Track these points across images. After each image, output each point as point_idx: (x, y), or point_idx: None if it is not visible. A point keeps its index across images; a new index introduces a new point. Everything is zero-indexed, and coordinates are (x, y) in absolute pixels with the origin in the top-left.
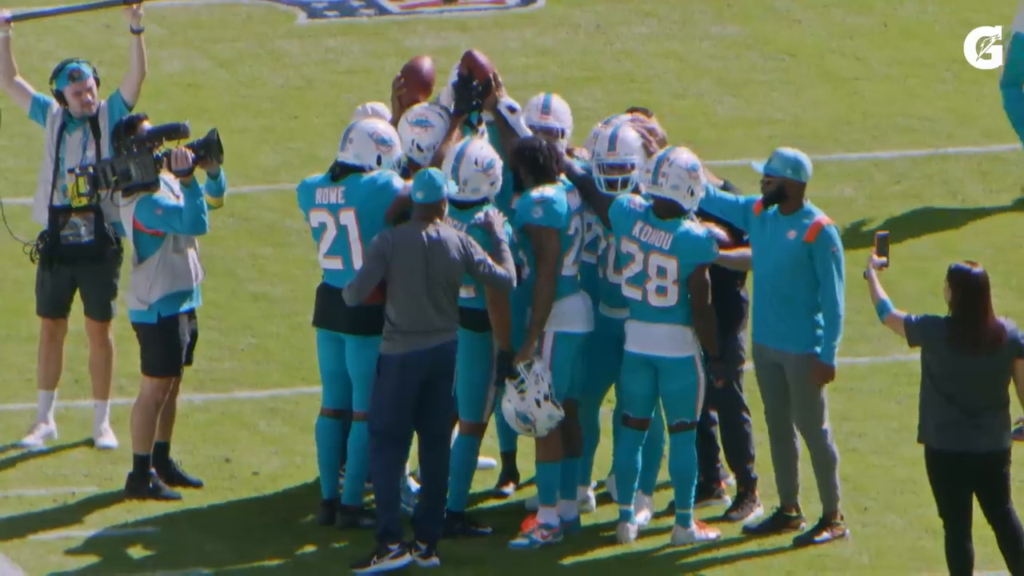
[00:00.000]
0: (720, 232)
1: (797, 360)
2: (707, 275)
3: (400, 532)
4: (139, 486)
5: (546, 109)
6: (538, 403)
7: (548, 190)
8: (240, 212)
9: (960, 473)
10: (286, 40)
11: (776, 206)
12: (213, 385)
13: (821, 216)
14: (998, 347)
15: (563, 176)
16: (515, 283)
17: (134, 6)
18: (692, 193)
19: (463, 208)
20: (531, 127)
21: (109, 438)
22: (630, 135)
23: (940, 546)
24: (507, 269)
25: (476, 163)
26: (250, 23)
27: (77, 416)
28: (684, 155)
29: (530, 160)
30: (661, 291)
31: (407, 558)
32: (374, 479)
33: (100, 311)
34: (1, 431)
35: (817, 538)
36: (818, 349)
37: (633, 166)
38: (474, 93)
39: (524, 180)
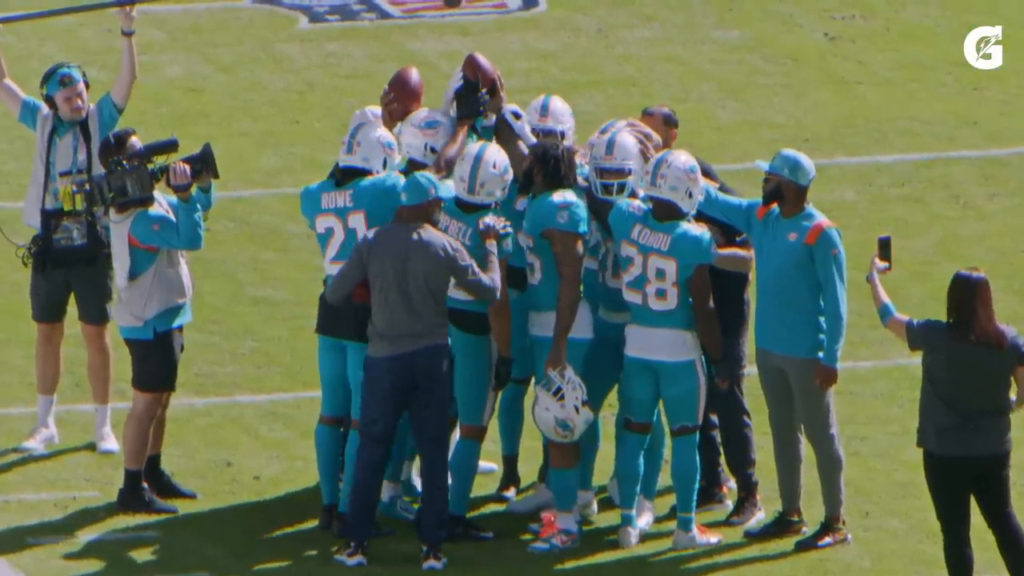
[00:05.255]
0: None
1: (801, 365)
2: (707, 277)
3: (362, 533)
4: (132, 500)
5: (544, 111)
6: (577, 409)
7: (569, 195)
8: (241, 216)
9: (959, 477)
10: (287, 44)
11: (778, 209)
12: (214, 389)
13: (822, 219)
14: (998, 352)
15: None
16: (498, 294)
17: (127, 8)
18: (690, 195)
19: (470, 211)
20: (531, 130)
21: (110, 442)
22: (628, 140)
23: (941, 551)
24: (492, 279)
25: (494, 166)
26: (251, 27)
27: (78, 420)
28: (682, 157)
29: (552, 165)
30: (661, 294)
31: (358, 559)
32: (353, 474)
33: (96, 315)
34: (2, 435)
35: (819, 542)
36: (821, 354)
37: (630, 171)
38: (479, 100)
39: (538, 183)
